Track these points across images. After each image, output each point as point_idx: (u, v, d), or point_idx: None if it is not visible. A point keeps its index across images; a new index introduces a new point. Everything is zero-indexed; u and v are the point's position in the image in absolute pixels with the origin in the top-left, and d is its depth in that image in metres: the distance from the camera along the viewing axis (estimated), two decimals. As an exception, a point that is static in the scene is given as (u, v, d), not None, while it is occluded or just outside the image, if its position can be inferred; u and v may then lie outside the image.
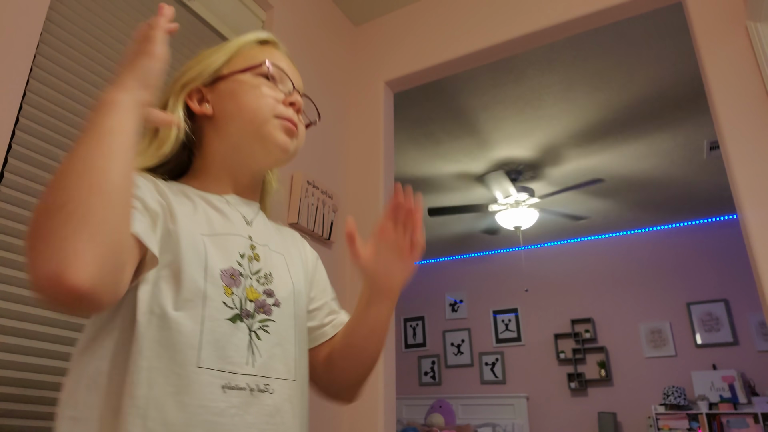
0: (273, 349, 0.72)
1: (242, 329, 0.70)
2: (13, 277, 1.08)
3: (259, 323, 0.72)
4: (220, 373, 0.66)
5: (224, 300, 0.69)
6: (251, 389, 0.68)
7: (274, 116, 0.79)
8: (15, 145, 1.13)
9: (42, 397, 1.08)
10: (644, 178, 4.66)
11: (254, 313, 0.72)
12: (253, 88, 0.80)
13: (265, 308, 0.74)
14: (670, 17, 2.76)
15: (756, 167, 1.59)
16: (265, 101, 0.79)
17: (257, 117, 0.79)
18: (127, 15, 1.47)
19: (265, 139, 0.79)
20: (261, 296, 0.74)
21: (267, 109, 0.79)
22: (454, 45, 2.33)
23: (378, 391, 1.99)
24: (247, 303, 0.72)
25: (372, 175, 2.32)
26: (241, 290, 0.71)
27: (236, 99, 0.79)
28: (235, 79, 0.81)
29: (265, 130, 0.79)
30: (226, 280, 0.70)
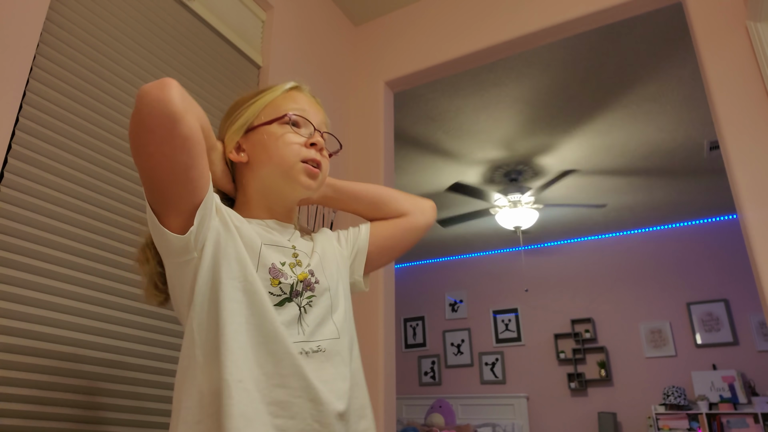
0: (319, 318, 0.89)
1: (291, 307, 0.86)
2: (13, 277, 1.08)
3: (307, 299, 0.89)
4: (278, 344, 0.81)
5: (271, 290, 0.85)
6: (306, 352, 0.83)
7: (299, 161, 0.92)
8: (15, 145, 1.13)
9: (42, 397, 1.08)
10: (644, 178, 4.66)
11: (303, 291, 0.89)
12: (280, 138, 0.93)
13: (310, 286, 0.90)
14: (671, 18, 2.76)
15: (756, 167, 1.59)
16: (290, 149, 0.92)
17: (284, 163, 0.92)
18: (127, 15, 1.47)
19: (293, 182, 0.93)
20: (308, 276, 0.91)
21: (292, 155, 0.92)
22: (454, 45, 2.33)
23: (378, 391, 1.99)
24: (298, 284, 0.88)
25: (372, 175, 2.32)
26: (288, 281, 0.87)
27: (266, 148, 0.93)
28: (264, 130, 0.94)
29: (291, 175, 0.93)
30: (273, 273, 0.87)
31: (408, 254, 6.78)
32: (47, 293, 1.13)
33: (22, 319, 1.08)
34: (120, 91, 1.40)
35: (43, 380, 1.09)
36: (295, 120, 0.94)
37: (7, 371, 1.04)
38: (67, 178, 1.22)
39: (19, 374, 1.06)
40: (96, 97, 1.33)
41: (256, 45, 1.99)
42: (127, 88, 1.42)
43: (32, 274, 1.11)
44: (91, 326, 1.20)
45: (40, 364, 1.09)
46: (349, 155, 2.40)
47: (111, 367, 1.21)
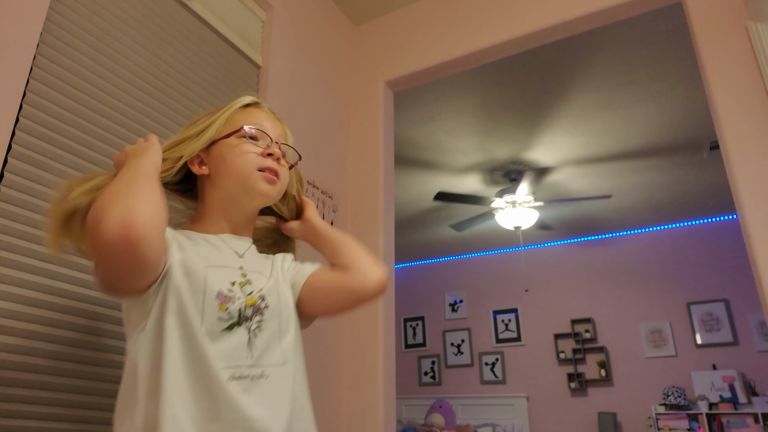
0: (267, 343, 0.90)
1: (240, 332, 0.87)
2: (13, 277, 1.08)
3: (256, 323, 0.90)
4: (224, 370, 0.83)
5: (219, 315, 0.86)
6: (252, 377, 0.85)
7: (256, 169, 0.96)
8: (15, 145, 1.13)
9: (42, 397, 1.08)
10: (644, 178, 4.66)
11: (252, 315, 0.90)
12: (237, 148, 0.97)
13: (260, 310, 0.91)
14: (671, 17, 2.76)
15: (756, 167, 1.59)
16: (246, 158, 0.97)
17: (242, 172, 0.96)
18: (127, 15, 1.47)
19: (250, 190, 0.97)
20: (257, 301, 0.92)
21: (249, 164, 0.96)
22: (455, 45, 2.33)
23: (378, 391, 1.99)
24: (247, 309, 0.89)
25: (372, 175, 2.32)
26: (236, 305, 0.88)
27: (224, 160, 0.97)
28: (223, 143, 0.98)
29: (248, 184, 0.96)
30: (221, 298, 0.88)
31: (408, 254, 6.79)
32: (47, 293, 1.13)
33: (22, 319, 1.08)
34: (120, 91, 1.40)
35: (43, 380, 1.09)
36: (252, 133, 0.99)
37: (7, 371, 1.04)
38: (67, 178, 1.22)
39: (19, 374, 1.06)
40: (96, 97, 1.33)
41: (256, 45, 1.99)
42: (127, 88, 1.42)
43: (32, 274, 1.11)
44: (92, 326, 1.20)
45: (40, 364, 1.09)
46: (349, 155, 2.40)
47: (111, 368, 1.21)
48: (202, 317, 0.84)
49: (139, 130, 1.42)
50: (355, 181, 2.35)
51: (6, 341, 1.05)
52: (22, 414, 1.05)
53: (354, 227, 2.27)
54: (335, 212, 2.16)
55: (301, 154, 1.12)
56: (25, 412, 1.06)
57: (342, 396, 2.03)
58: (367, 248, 1.07)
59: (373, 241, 2.20)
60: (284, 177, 1.01)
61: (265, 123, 1.02)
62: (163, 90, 1.54)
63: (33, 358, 1.08)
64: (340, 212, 2.22)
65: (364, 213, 2.27)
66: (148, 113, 1.47)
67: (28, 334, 1.08)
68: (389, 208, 2.31)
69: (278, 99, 1.98)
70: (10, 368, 1.05)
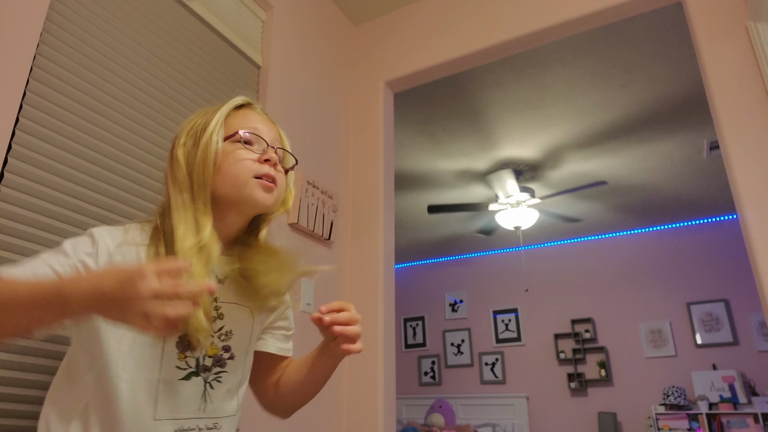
0: (222, 394, 0.89)
1: (196, 383, 0.86)
2: (13, 277, 1.08)
3: (214, 375, 0.88)
4: (173, 420, 0.82)
5: (177, 364, 0.84)
6: (200, 429, 0.84)
7: (252, 177, 0.90)
8: (15, 145, 1.13)
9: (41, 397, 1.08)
10: (644, 178, 4.66)
11: (211, 367, 0.87)
12: (231, 155, 0.91)
13: (221, 362, 0.89)
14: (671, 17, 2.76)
15: (756, 167, 1.59)
16: (242, 165, 0.90)
17: (238, 181, 0.90)
18: (127, 15, 1.47)
19: (248, 199, 0.90)
20: (219, 352, 0.89)
21: (245, 171, 0.90)
22: (454, 45, 2.33)
23: (378, 391, 1.99)
24: (206, 359, 0.86)
25: (372, 175, 2.32)
26: (197, 352, 0.85)
27: (219, 167, 0.90)
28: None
29: (246, 192, 0.90)
30: (181, 347, 0.84)
31: (408, 254, 6.79)
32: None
33: (22, 319, 1.08)
34: (120, 91, 1.40)
35: (43, 380, 1.09)
36: (247, 138, 0.93)
37: (7, 371, 1.04)
38: (67, 178, 1.22)
39: (19, 374, 1.06)
40: (96, 97, 1.33)
41: (256, 45, 1.99)
42: (127, 88, 1.42)
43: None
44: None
45: (40, 364, 1.09)
46: (349, 155, 2.40)
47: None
48: (161, 365, 0.81)
49: (139, 130, 1.43)
50: (355, 181, 2.35)
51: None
52: (22, 414, 1.05)
53: (354, 227, 2.27)
54: (335, 212, 2.16)
55: (301, 154, 1.08)
56: (25, 412, 1.06)
57: (342, 396, 2.03)
58: None
59: (373, 241, 2.20)
60: (281, 183, 0.95)
61: (260, 126, 0.96)
62: (163, 90, 1.54)
63: (33, 358, 1.08)
64: (340, 212, 2.22)
65: (364, 213, 2.27)
66: (148, 113, 1.47)
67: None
68: (389, 208, 2.31)
69: (278, 99, 1.98)
70: (10, 368, 1.05)
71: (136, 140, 1.41)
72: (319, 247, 2.06)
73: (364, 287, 2.15)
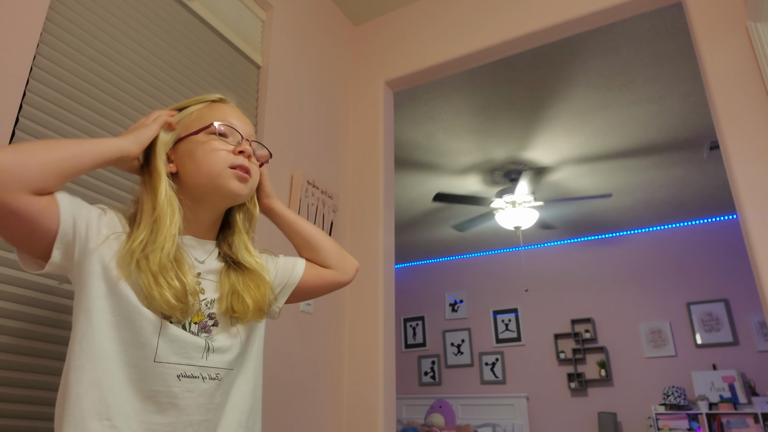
0: (224, 353, 0.91)
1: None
2: (14, 277, 1.08)
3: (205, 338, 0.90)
4: (176, 365, 0.84)
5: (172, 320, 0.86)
6: (203, 377, 0.87)
7: (227, 167, 0.92)
8: (15, 145, 1.13)
9: (41, 397, 1.08)
10: (644, 178, 4.66)
11: (198, 333, 0.89)
12: (206, 145, 0.93)
13: (206, 328, 0.90)
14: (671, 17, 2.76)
15: (756, 167, 1.59)
16: (216, 155, 0.93)
17: (212, 170, 0.92)
18: (127, 15, 1.47)
19: (221, 188, 0.92)
20: (204, 318, 0.91)
21: (219, 162, 0.92)
22: (454, 45, 2.33)
23: (378, 391, 1.99)
24: (192, 325, 0.88)
25: (372, 175, 2.32)
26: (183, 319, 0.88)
27: (192, 157, 0.93)
28: (191, 140, 0.94)
29: (220, 181, 0.92)
30: (164, 317, 0.86)
31: (408, 254, 6.79)
32: (47, 293, 1.13)
33: (22, 318, 1.08)
34: (120, 91, 1.40)
35: (43, 380, 1.09)
36: (221, 130, 0.95)
37: (7, 371, 1.04)
38: (67, 178, 1.22)
39: (19, 374, 1.06)
40: (96, 97, 1.33)
41: (256, 45, 1.99)
42: (127, 88, 1.42)
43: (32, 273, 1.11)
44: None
45: (40, 364, 1.09)
46: (349, 155, 2.40)
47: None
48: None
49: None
50: (355, 181, 2.35)
51: (6, 341, 1.05)
52: (22, 414, 1.05)
53: (354, 227, 2.27)
54: (335, 212, 2.16)
55: (301, 154, 1.10)
56: (25, 412, 1.06)
57: (342, 396, 2.03)
58: (336, 242, 1.16)
59: (373, 241, 2.20)
60: (255, 175, 0.98)
61: (234, 120, 0.98)
62: (163, 90, 1.54)
63: (33, 359, 1.08)
64: (340, 212, 2.22)
65: (364, 213, 2.27)
66: (147, 113, 1.46)
67: (28, 334, 1.08)
68: (389, 208, 2.31)
69: (278, 99, 1.98)
70: (11, 368, 1.05)
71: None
72: (319, 247, 2.06)
73: (364, 287, 2.15)
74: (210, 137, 0.93)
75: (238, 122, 0.98)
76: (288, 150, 1.96)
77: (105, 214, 0.86)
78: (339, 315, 2.10)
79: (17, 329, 1.07)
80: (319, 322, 1.98)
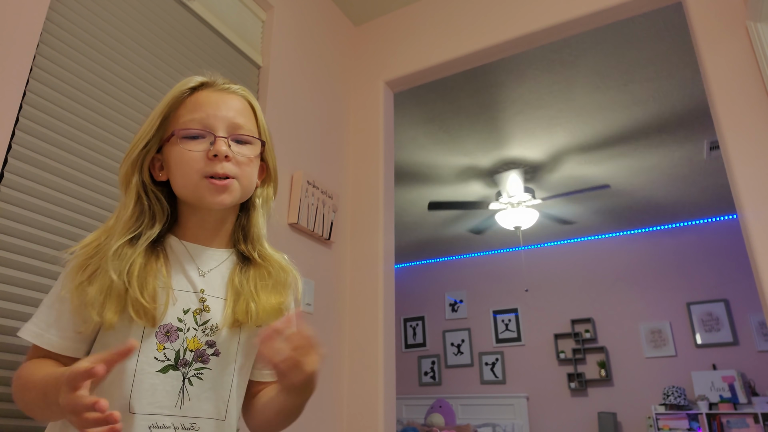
0: (203, 393, 0.82)
1: (174, 377, 0.80)
2: (13, 277, 1.08)
3: (195, 371, 0.82)
4: (147, 416, 0.77)
5: (155, 355, 0.79)
6: (176, 428, 0.79)
7: (201, 177, 0.83)
8: (15, 145, 1.13)
9: (42, 397, 1.08)
10: (644, 178, 4.66)
11: (192, 361, 0.82)
12: (178, 152, 0.84)
13: (204, 358, 0.83)
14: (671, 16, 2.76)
15: (756, 167, 1.59)
16: (188, 167, 0.83)
17: (188, 183, 0.84)
18: (127, 15, 1.47)
19: (201, 200, 0.84)
20: (202, 346, 0.83)
21: (192, 173, 0.83)
22: (455, 45, 2.33)
23: (378, 391, 1.99)
24: (187, 353, 0.81)
25: (372, 175, 2.32)
26: (178, 343, 0.81)
27: (171, 167, 0.85)
28: (168, 144, 0.86)
29: (198, 194, 0.84)
30: (160, 337, 0.80)
31: (408, 254, 6.79)
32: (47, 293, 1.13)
33: (21, 319, 1.08)
34: (120, 91, 1.40)
35: (43, 380, 1.09)
36: (191, 134, 0.84)
37: (7, 371, 1.04)
38: (67, 178, 1.22)
39: (19, 374, 1.06)
40: (96, 97, 1.33)
41: (256, 45, 1.99)
42: (127, 88, 1.42)
43: (32, 274, 1.11)
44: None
45: (40, 364, 1.09)
46: (349, 155, 2.40)
47: (111, 367, 1.21)
48: (138, 354, 0.78)
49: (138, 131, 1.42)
50: (355, 181, 2.35)
51: (6, 341, 1.05)
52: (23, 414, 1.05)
53: (354, 227, 2.27)
54: (335, 212, 2.16)
55: (301, 154, 0.98)
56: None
57: (342, 396, 2.03)
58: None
59: (373, 241, 2.20)
60: (242, 175, 0.86)
61: (211, 110, 0.85)
62: (163, 90, 1.54)
63: (33, 358, 1.08)
64: (340, 212, 2.22)
65: (364, 213, 2.27)
66: (147, 113, 1.46)
67: (28, 334, 1.08)
68: (389, 208, 2.31)
69: (278, 99, 1.98)
70: (11, 368, 1.05)
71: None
72: (319, 247, 2.06)
73: (364, 287, 2.15)
74: (182, 142, 0.84)
75: (214, 112, 0.85)
76: (288, 150, 1.96)
77: None
78: (339, 315, 2.10)
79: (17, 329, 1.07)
80: (319, 321, 1.98)
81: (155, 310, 0.79)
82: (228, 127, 0.86)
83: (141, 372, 0.78)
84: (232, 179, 0.84)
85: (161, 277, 0.82)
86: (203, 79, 0.89)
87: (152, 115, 0.87)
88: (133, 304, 0.78)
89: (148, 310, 0.78)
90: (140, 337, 0.79)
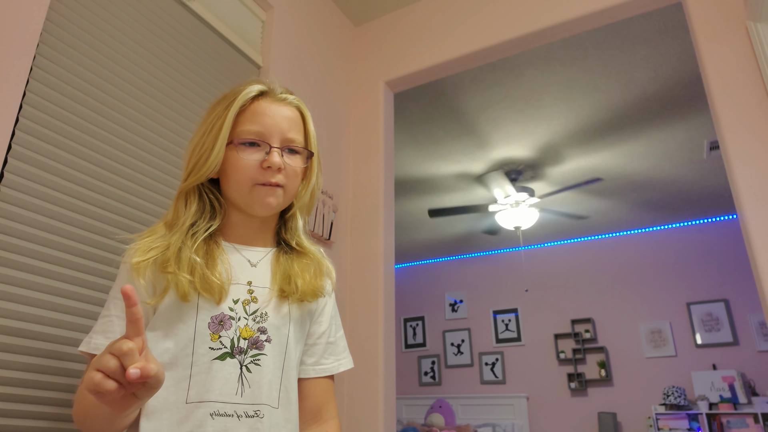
0: (263, 380, 0.85)
1: (232, 364, 0.83)
2: (13, 277, 1.08)
3: (251, 358, 0.85)
4: (208, 403, 0.80)
5: (210, 345, 0.83)
6: (239, 415, 0.81)
7: (253, 185, 0.90)
8: (15, 145, 1.13)
9: (42, 397, 1.08)
10: (644, 178, 4.66)
11: (247, 349, 0.85)
12: (235, 158, 0.91)
13: (258, 344, 0.86)
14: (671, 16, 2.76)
15: (756, 167, 1.59)
16: (243, 174, 0.90)
17: (241, 189, 0.91)
18: (127, 15, 1.47)
19: (251, 206, 0.92)
20: (255, 333, 0.86)
21: (246, 180, 0.90)
22: (454, 45, 2.33)
23: (378, 391, 1.99)
24: (241, 341, 0.85)
25: (372, 175, 2.32)
26: (232, 331, 0.84)
27: (226, 170, 0.93)
28: (228, 148, 0.92)
29: (248, 201, 0.91)
30: (213, 327, 0.84)
31: (408, 254, 6.79)
32: (47, 293, 1.13)
33: (21, 318, 1.08)
34: (120, 91, 1.40)
35: (43, 380, 1.09)
36: (249, 140, 0.91)
37: (7, 371, 1.04)
38: (67, 178, 1.22)
39: (19, 374, 1.06)
40: (96, 97, 1.33)
41: (256, 45, 1.99)
42: (127, 88, 1.42)
43: (32, 274, 1.11)
44: (91, 327, 1.20)
45: (40, 364, 1.09)
46: (349, 155, 2.40)
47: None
48: (193, 345, 0.82)
49: (139, 130, 1.42)
50: (355, 181, 2.35)
51: (6, 341, 1.05)
52: (23, 414, 1.05)
53: (354, 227, 2.27)
54: (335, 212, 2.16)
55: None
56: (26, 412, 1.06)
57: (342, 396, 2.03)
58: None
59: (373, 241, 2.20)
60: (289, 184, 0.94)
61: (269, 120, 0.92)
62: (163, 90, 1.54)
63: (34, 359, 1.08)
64: (340, 212, 2.22)
65: (364, 213, 2.27)
66: (148, 113, 1.47)
67: (29, 334, 1.08)
68: (389, 208, 2.31)
69: (278, 99, 1.98)
70: (11, 368, 1.05)
71: (136, 140, 1.41)
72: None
73: (364, 287, 2.15)
74: (239, 147, 0.91)
75: (271, 122, 0.92)
76: (288, 150, 1.95)
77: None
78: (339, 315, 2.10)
79: (17, 329, 1.07)
80: (319, 322, 1.98)
81: (224, 284, 0.85)
82: (282, 140, 0.93)
83: (197, 363, 0.81)
84: (281, 187, 0.92)
85: (221, 263, 0.88)
86: (263, 87, 0.96)
87: (218, 122, 0.91)
88: (202, 279, 0.83)
89: (217, 285, 0.84)
90: (193, 328, 0.83)
